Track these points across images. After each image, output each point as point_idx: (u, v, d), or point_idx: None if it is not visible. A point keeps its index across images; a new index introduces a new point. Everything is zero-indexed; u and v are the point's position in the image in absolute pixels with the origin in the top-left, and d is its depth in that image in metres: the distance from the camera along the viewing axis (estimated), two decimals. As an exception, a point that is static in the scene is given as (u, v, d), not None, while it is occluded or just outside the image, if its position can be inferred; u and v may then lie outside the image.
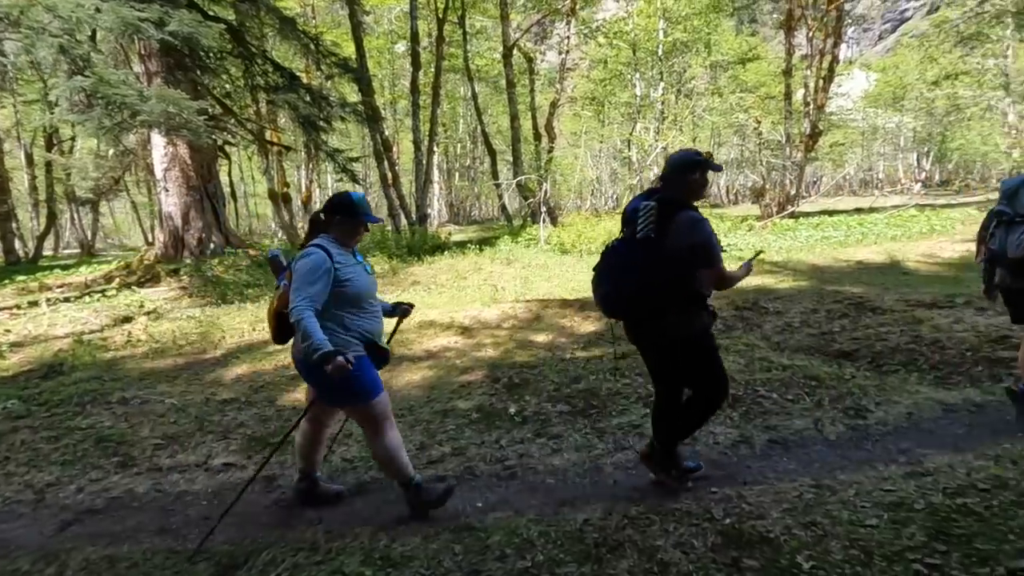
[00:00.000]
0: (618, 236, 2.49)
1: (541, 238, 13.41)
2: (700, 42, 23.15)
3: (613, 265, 2.39)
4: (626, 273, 2.33)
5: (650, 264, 2.26)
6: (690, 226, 2.25)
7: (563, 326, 5.76)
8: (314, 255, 2.24)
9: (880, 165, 44.77)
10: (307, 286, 2.17)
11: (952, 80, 27.53)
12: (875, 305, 5.38)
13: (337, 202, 2.38)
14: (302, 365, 2.31)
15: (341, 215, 2.36)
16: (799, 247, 10.31)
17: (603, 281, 2.45)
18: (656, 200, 2.30)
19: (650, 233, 2.27)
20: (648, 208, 2.29)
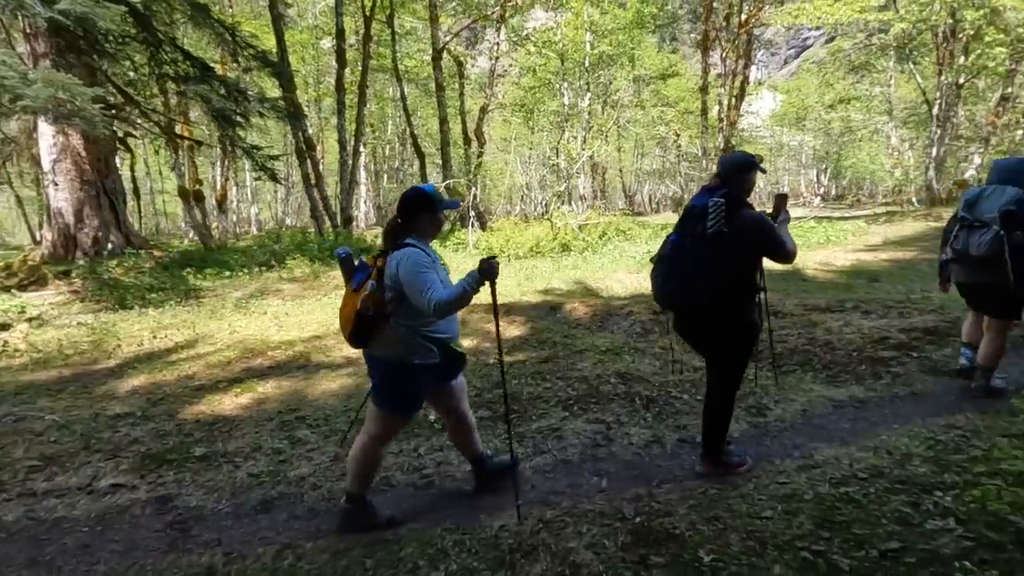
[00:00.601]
0: (676, 231, 2.63)
1: (470, 242, 13.39)
2: (625, 56, 24.05)
3: (684, 259, 2.51)
4: (700, 266, 2.45)
5: (724, 256, 2.42)
6: (755, 220, 2.47)
7: (488, 331, 5.76)
8: (413, 254, 2.22)
9: (785, 179, 48.35)
10: (423, 283, 2.15)
11: (845, 104, 30.27)
12: (777, 309, 5.77)
13: (415, 198, 2.35)
14: (384, 366, 2.31)
15: (424, 211, 2.34)
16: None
17: (672, 275, 2.55)
18: (723, 197, 2.44)
19: (722, 228, 2.40)
20: (718, 204, 2.41)
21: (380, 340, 2.26)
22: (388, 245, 2.34)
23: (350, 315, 2.25)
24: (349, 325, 2.25)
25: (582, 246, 12.53)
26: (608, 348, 4.70)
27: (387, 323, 2.24)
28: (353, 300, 2.25)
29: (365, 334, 2.26)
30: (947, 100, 17.91)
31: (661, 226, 16.16)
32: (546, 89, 24.22)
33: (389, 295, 2.22)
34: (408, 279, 2.17)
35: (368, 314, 2.19)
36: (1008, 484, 2.20)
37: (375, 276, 2.22)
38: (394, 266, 2.21)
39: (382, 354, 2.29)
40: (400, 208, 2.35)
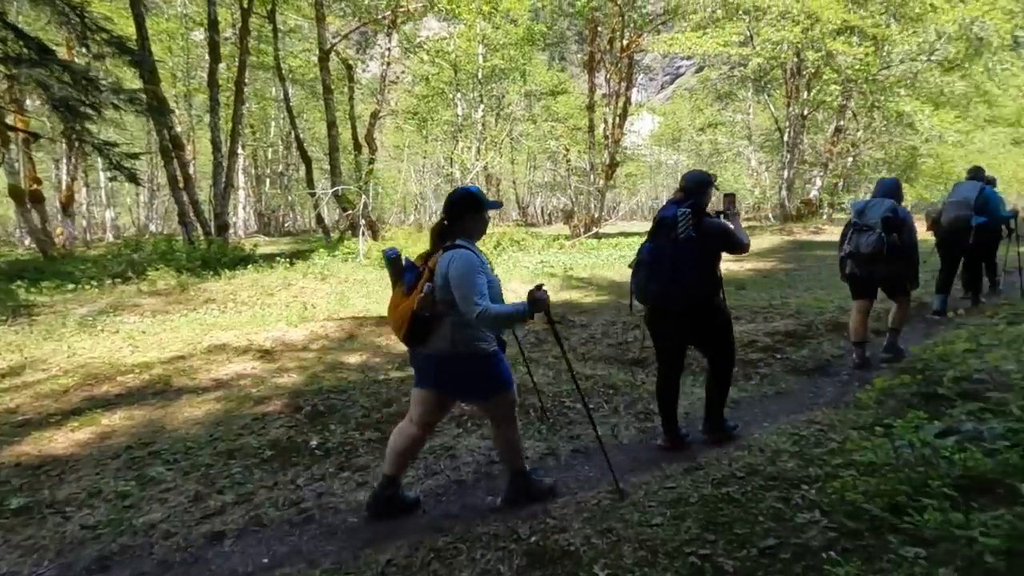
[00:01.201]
0: (650, 240, 3.05)
1: (360, 252, 12.83)
2: (516, 71, 24.63)
3: (665, 264, 2.90)
4: (682, 267, 2.87)
5: (698, 259, 2.88)
6: (717, 224, 2.96)
7: (378, 345, 5.48)
8: (465, 255, 2.23)
9: (664, 195, 52.31)
10: (473, 285, 2.17)
11: (713, 128, 33.39)
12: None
13: (462, 199, 2.39)
14: (430, 362, 2.35)
15: (472, 212, 2.37)
16: (602, 264, 11.39)
17: (653, 280, 2.96)
18: (689, 207, 2.89)
19: (691, 233, 2.86)
20: (686, 214, 2.87)
21: (438, 338, 2.29)
22: (436, 244, 2.37)
23: (405, 315, 2.27)
24: (404, 325, 2.28)
25: (477, 256, 12.53)
26: (503, 359, 4.64)
27: (442, 322, 2.28)
28: (405, 301, 2.29)
29: (421, 334, 2.29)
30: (795, 129, 20.36)
31: (553, 237, 16.65)
32: (439, 98, 24.11)
33: (440, 295, 2.24)
34: (458, 280, 2.19)
35: (424, 315, 2.23)
36: (860, 474, 2.42)
37: (427, 277, 2.26)
38: (445, 265, 2.23)
39: (447, 351, 2.31)
40: (447, 208, 2.38)
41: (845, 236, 4.36)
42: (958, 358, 3.96)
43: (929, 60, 17.83)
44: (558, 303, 7.72)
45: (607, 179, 21.86)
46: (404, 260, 2.41)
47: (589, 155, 22.39)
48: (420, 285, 2.25)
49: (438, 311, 2.25)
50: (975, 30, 16.90)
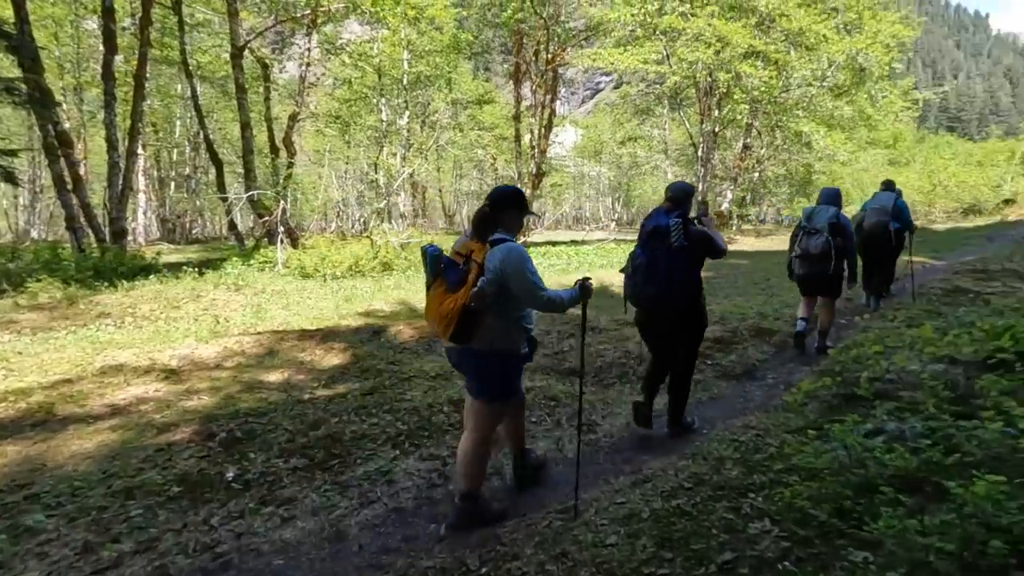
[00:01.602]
0: (641, 247, 3.31)
1: (279, 261, 12.10)
2: (442, 78, 24.45)
3: (660, 269, 3.17)
4: (675, 273, 3.17)
5: (688, 264, 3.20)
6: (702, 232, 3.25)
7: (302, 361, 5.10)
8: (517, 248, 2.29)
9: (587, 205, 53.85)
10: (531, 274, 2.28)
11: (633, 142, 34.79)
12: (593, 325, 6.12)
13: (513, 194, 2.46)
14: (471, 360, 2.37)
15: (516, 209, 2.42)
16: (531, 273, 11.43)
17: (650, 283, 3.20)
18: (679, 217, 3.20)
19: (683, 241, 3.15)
20: (678, 224, 3.17)
21: (482, 334, 2.28)
22: (481, 236, 2.34)
23: (451, 311, 2.23)
24: (452, 322, 2.23)
25: (405, 265, 12.16)
26: (438, 373, 4.44)
27: (488, 317, 2.28)
28: (449, 298, 2.26)
29: (469, 329, 2.25)
30: (707, 145, 21.60)
31: (482, 245, 16.55)
32: (363, 103, 23.44)
33: (490, 288, 2.22)
34: (518, 273, 2.24)
35: (475, 308, 2.22)
36: (803, 479, 2.46)
37: (477, 271, 2.23)
38: (497, 259, 2.23)
39: (484, 348, 2.33)
40: (495, 200, 2.40)
41: (795, 238, 4.90)
42: (871, 360, 4.22)
43: (822, 86, 19.54)
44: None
45: (534, 188, 22.14)
46: (443, 257, 2.40)
47: (516, 164, 22.61)
48: (470, 280, 2.23)
49: (484, 306, 2.25)
50: (860, 60, 18.72)
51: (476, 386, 2.43)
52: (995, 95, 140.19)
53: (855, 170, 29.28)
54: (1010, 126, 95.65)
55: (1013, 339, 3.95)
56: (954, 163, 29.91)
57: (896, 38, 19.72)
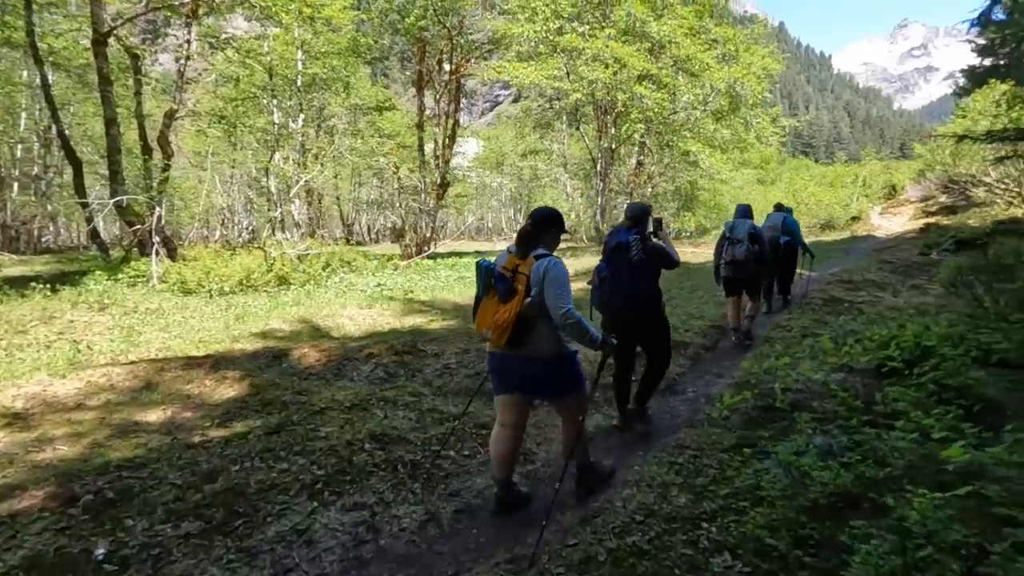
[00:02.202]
0: (605, 261, 3.69)
1: (154, 275, 10.75)
2: (340, 82, 23.40)
3: (623, 280, 3.54)
4: (638, 284, 3.63)
5: (648, 275, 3.69)
6: (658, 247, 3.77)
7: (188, 395, 4.43)
8: (560, 263, 2.54)
9: (489, 216, 54.26)
10: (567, 290, 2.49)
11: (534, 155, 35.63)
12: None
13: (551, 216, 2.69)
14: (525, 365, 2.56)
15: (555, 228, 2.68)
16: (441, 286, 11.10)
17: (616, 294, 3.48)
18: (637, 234, 3.66)
19: (642, 256, 3.62)
20: (637, 240, 3.64)
21: (534, 340, 2.50)
22: (524, 250, 2.56)
23: (506, 320, 2.44)
24: (507, 330, 2.44)
25: (303, 279, 11.31)
26: (353, 403, 4.03)
27: (540, 324, 2.49)
28: (503, 307, 2.47)
29: (522, 336, 2.46)
30: (605, 160, 22.56)
31: (387, 256, 15.92)
32: (251, 103, 21.76)
33: (538, 299, 2.46)
34: (556, 284, 2.45)
35: (527, 316, 2.44)
36: (752, 503, 2.45)
37: (526, 283, 2.45)
38: (541, 271, 2.46)
39: (538, 353, 2.53)
40: (538, 220, 2.63)
41: (721, 247, 5.75)
42: (781, 372, 4.44)
43: (705, 110, 21.19)
44: (403, 330, 7.21)
45: (438, 199, 21.80)
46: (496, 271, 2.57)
47: (420, 173, 22.13)
48: (520, 291, 2.45)
49: (535, 314, 2.47)
50: (737, 88, 20.55)
51: (544, 388, 2.71)
52: (837, 125, 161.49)
53: (732, 188, 32.07)
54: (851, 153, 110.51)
55: (899, 348, 4.34)
56: (812, 183, 33.78)
57: (766, 70, 21.89)
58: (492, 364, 2.71)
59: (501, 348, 2.53)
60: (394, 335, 6.75)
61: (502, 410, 2.72)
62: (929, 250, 13.38)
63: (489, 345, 2.67)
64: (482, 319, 2.59)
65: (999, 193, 19.12)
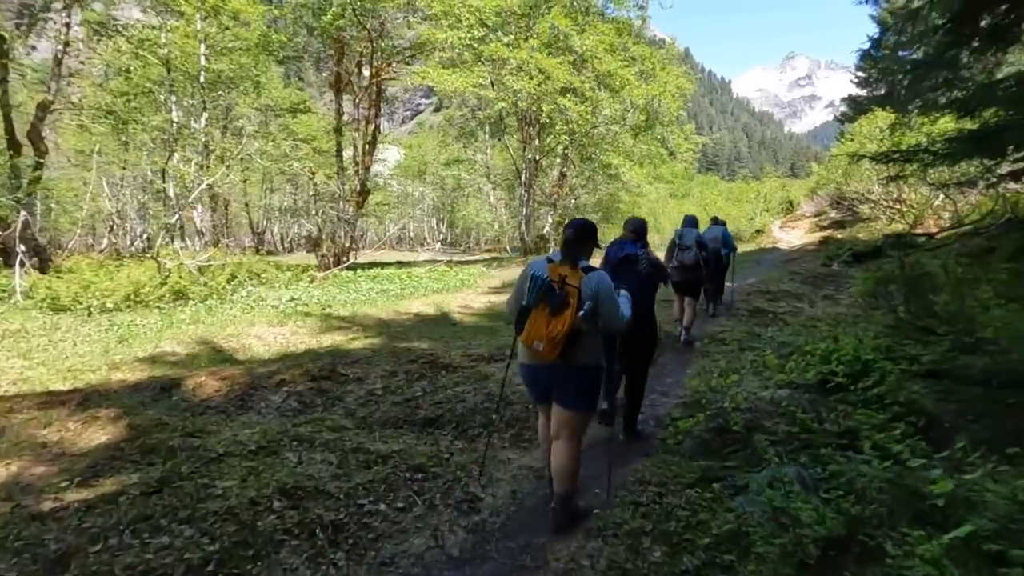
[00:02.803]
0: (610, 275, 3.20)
1: (17, 289, 9.23)
2: (248, 81, 21.82)
3: (634, 291, 3.21)
4: (645, 293, 3.73)
5: (652, 289, 3.87)
6: (659, 260, 3.97)
7: (44, 443, 3.57)
8: (607, 276, 2.64)
9: (411, 225, 53.09)
10: (618, 300, 2.67)
11: (457, 164, 35.25)
12: (446, 362, 5.50)
13: (590, 228, 2.77)
14: (572, 375, 2.60)
15: (592, 240, 2.76)
16: (363, 300, 10.36)
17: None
18: (643, 247, 3.85)
19: (650, 269, 3.80)
20: (643, 254, 3.80)
21: (580, 351, 2.54)
22: (571, 259, 2.62)
23: (560, 332, 2.47)
24: (560, 342, 2.48)
25: (204, 293, 10.16)
26: (260, 445, 3.39)
27: (586, 336, 2.55)
28: (555, 320, 2.49)
29: (574, 348, 2.51)
30: (530, 171, 22.59)
31: (302, 267, 14.82)
32: (146, 99, 19.71)
33: (591, 312, 2.52)
34: (608, 297, 2.58)
35: (579, 329, 2.50)
36: (738, 557, 2.15)
37: (577, 296, 2.51)
38: (593, 285, 2.55)
39: (584, 362, 2.59)
40: (581, 231, 2.70)
41: (672, 253, 6.22)
42: (727, 389, 4.30)
43: (624, 124, 21.80)
44: (321, 350, 6.51)
45: (358, 207, 20.82)
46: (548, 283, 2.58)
47: (338, 180, 21.03)
48: (572, 303, 2.49)
49: (584, 327, 2.51)
50: (654, 105, 21.31)
51: (576, 399, 2.64)
52: (737, 145, 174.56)
53: (649, 201, 33.39)
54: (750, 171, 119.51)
55: (840, 363, 4.33)
56: (720, 198, 35.90)
57: (680, 89, 22.91)
58: (532, 376, 2.72)
59: (552, 359, 2.52)
60: (310, 357, 6.05)
61: (544, 424, 2.84)
62: (830, 262, 14.34)
63: (528, 356, 2.65)
64: (533, 331, 2.54)
65: (883, 209, 21.05)
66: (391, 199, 43.71)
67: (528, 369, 2.70)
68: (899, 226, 19.70)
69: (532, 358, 2.62)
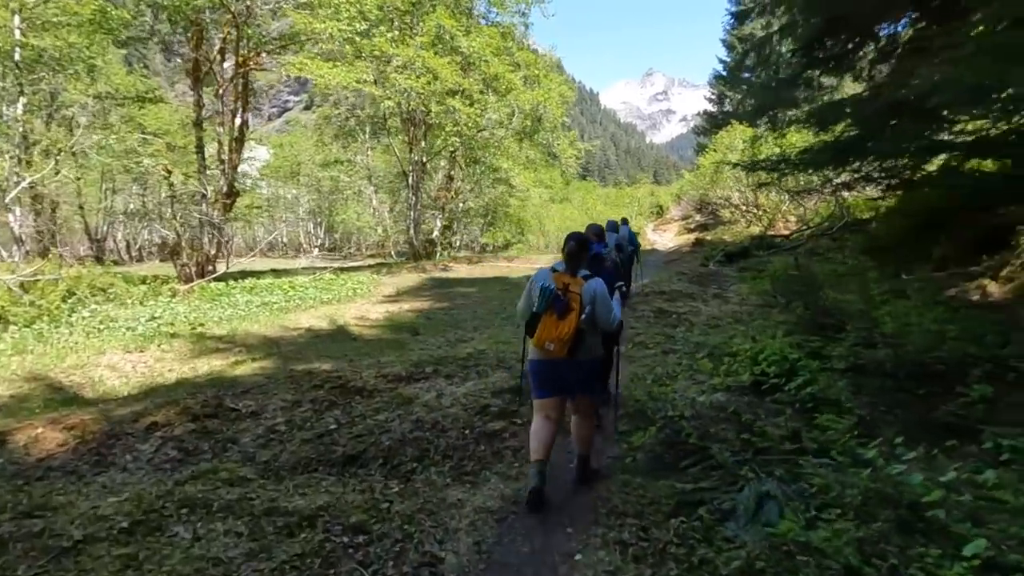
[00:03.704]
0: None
1: None
2: (80, 63, 18.66)
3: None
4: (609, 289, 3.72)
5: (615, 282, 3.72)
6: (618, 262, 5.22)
7: None
8: (601, 282, 3.02)
9: (285, 231, 49.32)
10: (610, 301, 3.05)
11: (335, 166, 33.30)
12: (358, 385, 4.85)
13: (588, 240, 3.24)
14: (579, 368, 3.01)
15: (588, 252, 3.17)
16: (241, 315, 9.12)
17: None
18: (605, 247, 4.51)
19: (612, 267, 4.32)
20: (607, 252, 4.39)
21: (585, 347, 2.96)
22: (573, 269, 3.02)
23: (568, 333, 2.86)
24: (567, 342, 2.87)
25: (31, 315, 8.29)
26: (134, 519, 2.58)
27: (589, 335, 2.96)
28: (563, 323, 2.87)
29: (580, 345, 2.91)
30: (417, 174, 21.85)
31: (160, 280, 12.84)
32: (-63, 77, 16.01)
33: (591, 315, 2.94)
34: (604, 302, 2.97)
35: (584, 329, 2.89)
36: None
37: (578, 300, 2.90)
38: (592, 292, 2.94)
39: (586, 357, 3.01)
40: (582, 243, 3.09)
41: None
42: (667, 396, 4.20)
43: (509, 128, 21.97)
44: (199, 380, 5.48)
45: (226, 209, 18.70)
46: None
47: (201, 180, 18.69)
48: (575, 307, 2.88)
49: (586, 327, 2.92)
50: (540, 111, 21.71)
51: (586, 387, 3.11)
52: (607, 154, 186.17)
53: (532, 205, 34.12)
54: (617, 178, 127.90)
55: (769, 363, 4.42)
56: (600, 203, 37.70)
57: (563, 96, 23.58)
58: (543, 369, 3.04)
59: (563, 356, 2.89)
60: (186, 389, 5.05)
61: (550, 410, 3.07)
62: (708, 262, 15.47)
63: (539, 354, 2.99)
64: (544, 333, 2.90)
65: (742, 213, 23.34)
66: (261, 202, 40.20)
67: (541, 364, 3.04)
68: (756, 228, 21.96)
69: (545, 355, 2.96)
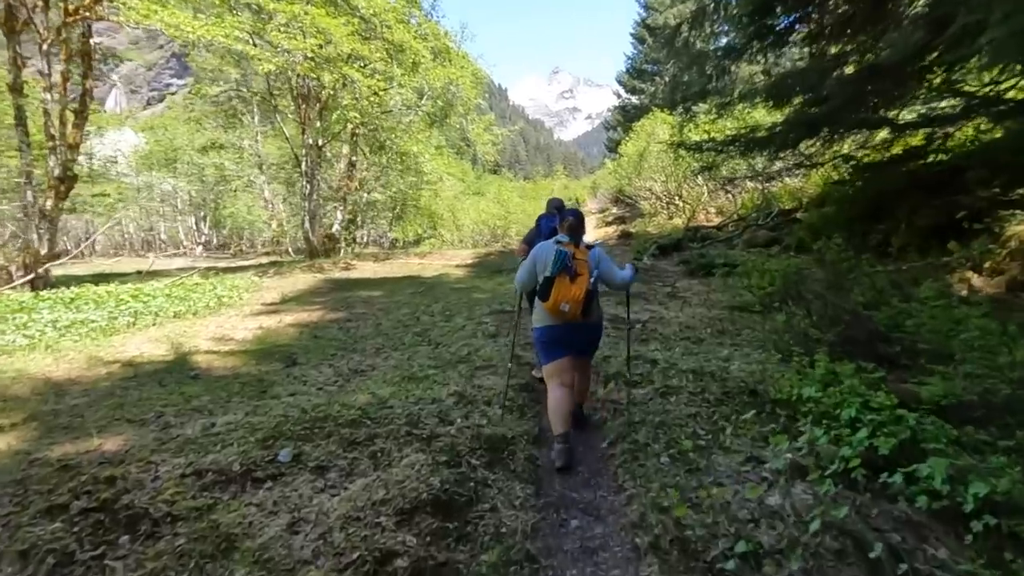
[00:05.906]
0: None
1: None
2: None
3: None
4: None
5: None
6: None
7: None
8: (603, 250, 3.38)
9: (162, 226, 43.34)
10: (612, 261, 3.40)
11: (218, 151, 29.00)
12: (139, 505, 2.54)
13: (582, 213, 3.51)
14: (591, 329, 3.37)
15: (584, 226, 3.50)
16: (28, 343, 6.27)
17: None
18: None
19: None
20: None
21: (594, 309, 3.27)
22: (576, 240, 3.30)
23: (581, 295, 3.12)
24: (581, 302, 3.12)
25: None
26: None
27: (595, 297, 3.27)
28: (575, 285, 3.13)
29: (591, 306, 3.20)
30: (311, 159, 18.89)
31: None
32: None
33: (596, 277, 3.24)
34: (607, 263, 3.32)
35: (593, 291, 3.18)
36: None
37: (583, 267, 3.17)
38: (596, 257, 3.28)
39: (596, 318, 3.36)
40: (580, 217, 3.41)
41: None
42: (715, 516, 2.36)
43: (418, 111, 19.67)
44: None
45: (60, 198, 14.83)
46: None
47: (22, 159, 14.68)
48: (584, 272, 3.16)
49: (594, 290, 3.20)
50: (452, 90, 19.56)
51: (590, 349, 3.55)
52: (516, 149, 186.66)
53: (445, 198, 31.87)
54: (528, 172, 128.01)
55: (872, 428, 2.72)
56: (516, 195, 36.13)
57: (476, 76, 21.53)
58: (558, 334, 3.26)
59: (578, 319, 3.16)
60: None
61: (564, 372, 3.29)
62: (641, 255, 14.17)
63: (553, 319, 3.22)
64: (559, 294, 3.13)
65: (663, 205, 22.60)
66: (128, 193, 34.61)
67: (554, 329, 3.25)
68: (678, 220, 21.26)
69: (560, 319, 3.18)
